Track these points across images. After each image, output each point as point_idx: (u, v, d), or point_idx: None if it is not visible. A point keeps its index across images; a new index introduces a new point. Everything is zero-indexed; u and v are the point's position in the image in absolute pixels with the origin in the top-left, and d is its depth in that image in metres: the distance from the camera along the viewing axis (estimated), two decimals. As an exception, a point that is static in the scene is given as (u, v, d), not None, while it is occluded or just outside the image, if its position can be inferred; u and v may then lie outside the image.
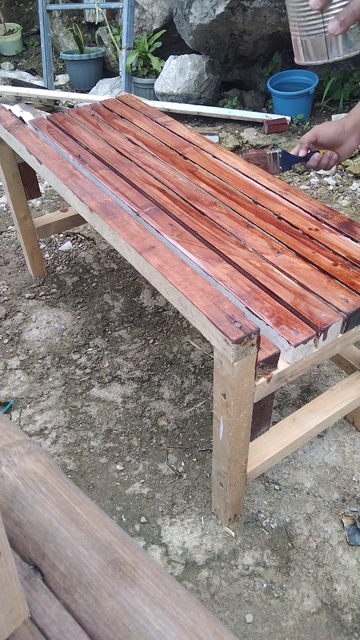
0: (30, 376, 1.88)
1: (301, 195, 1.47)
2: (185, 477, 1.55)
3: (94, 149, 1.68)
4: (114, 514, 1.48)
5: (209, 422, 1.71)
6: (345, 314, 1.09)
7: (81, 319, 2.11)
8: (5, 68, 4.83)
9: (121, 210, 1.34)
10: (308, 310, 1.10)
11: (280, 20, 3.17)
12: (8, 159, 1.94)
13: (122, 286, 2.27)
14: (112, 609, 0.49)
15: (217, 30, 3.37)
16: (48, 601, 0.51)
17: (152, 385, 1.83)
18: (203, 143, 1.74)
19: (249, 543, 1.40)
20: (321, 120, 3.52)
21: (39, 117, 1.90)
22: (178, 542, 1.40)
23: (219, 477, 1.29)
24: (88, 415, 1.74)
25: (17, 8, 5.22)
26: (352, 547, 1.38)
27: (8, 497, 0.59)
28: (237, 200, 1.45)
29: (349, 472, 1.55)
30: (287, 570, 1.34)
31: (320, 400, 1.43)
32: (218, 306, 1.01)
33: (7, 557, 0.46)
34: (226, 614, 1.27)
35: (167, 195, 1.45)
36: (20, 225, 2.13)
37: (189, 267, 1.14)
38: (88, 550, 0.54)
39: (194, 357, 1.93)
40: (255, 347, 0.97)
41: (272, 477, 1.54)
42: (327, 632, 1.23)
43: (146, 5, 3.91)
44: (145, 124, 1.87)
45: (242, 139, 3.36)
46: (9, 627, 0.48)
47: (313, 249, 1.27)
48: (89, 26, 4.73)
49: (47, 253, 2.50)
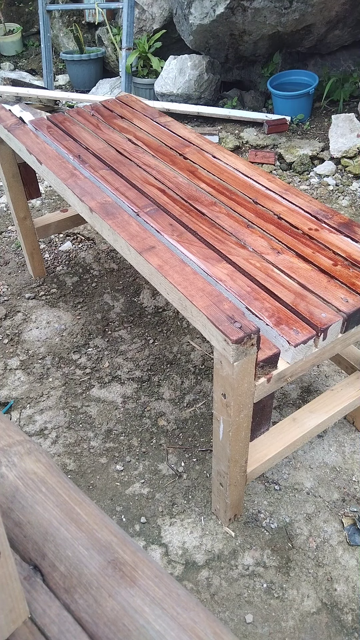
0: (30, 376, 1.88)
1: (301, 196, 1.47)
2: (185, 477, 1.55)
3: (94, 149, 1.68)
4: (114, 514, 1.48)
5: (209, 422, 1.71)
6: (345, 314, 1.09)
7: (81, 319, 2.11)
8: (5, 68, 4.83)
9: (121, 210, 1.34)
10: (308, 310, 1.10)
11: (280, 20, 3.17)
12: (8, 159, 1.94)
13: (122, 286, 2.27)
14: (112, 609, 0.49)
15: (217, 30, 3.37)
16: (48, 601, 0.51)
17: (152, 386, 1.83)
18: (203, 143, 1.74)
19: (249, 543, 1.40)
20: (321, 120, 3.52)
21: (39, 117, 1.90)
22: (178, 542, 1.40)
23: (219, 477, 1.29)
24: (88, 416, 1.74)
25: (17, 8, 5.22)
26: (352, 547, 1.38)
27: (8, 497, 0.59)
28: (237, 201, 1.45)
29: (349, 472, 1.55)
30: (287, 570, 1.34)
31: (320, 400, 1.43)
32: (218, 306, 1.01)
33: (7, 557, 0.46)
34: (226, 614, 1.27)
35: (167, 196, 1.45)
36: (20, 225, 2.13)
37: (189, 267, 1.14)
38: (88, 550, 0.54)
39: (194, 357, 1.93)
40: (255, 347, 0.97)
41: (272, 477, 1.54)
42: (327, 632, 1.23)
43: (146, 5, 3.91)
44: (145, 124, 1.87)
45: (242, 139, 3.36)
46: (9, 627, 0.48)
47: (313, 249, 1.27)
48: (89, 26, 4.73)
49: (47, 253, 2.50)
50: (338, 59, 3.70)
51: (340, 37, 3.46)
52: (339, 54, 3.69)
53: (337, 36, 3.44)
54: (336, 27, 3.38)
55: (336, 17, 3.24)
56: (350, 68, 3.69)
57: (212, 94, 3.74)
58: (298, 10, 3.12)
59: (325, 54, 3.70)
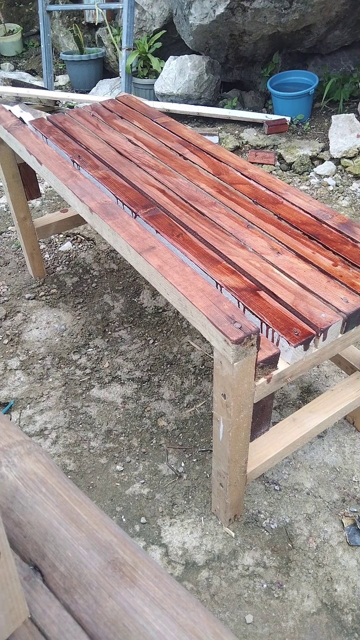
0: (30, 376, 1.88)
1: (301, 196, 1.47)
2: (185, 478, 1.55)
3: (94, 150, 1.68)
4: (114, 514, 1.48)
5: (209, 422, 1.71)
6: (345, 314, 1.09)
7: (81, 320, 2.11)
8: (5, 69, 4.83)
9: (121, 210, 1.34)
10: (308, 310, 1.10)
11: (280, 20, 3.17)
12: (8, 159, 1.94)
13: (122, 286, 2.27)
14: (112, 609, 0.49)
15: (217, 30, 3.37)
16: (48, 601, 0.51)
17: (152, 386, 1.83)
18: (203, 143, 1.74)
19: (249, 543, 1.40)
20: (321, 121, 3.52)
21: (39, 118, 1.90)
22: (178, 543, 1.40)
23: (219, 477, 1.29)
24: (88, 416, 1.74)
25: (17, 9, 5.23)
26: (352, 547, 1.38)
27: (8, 497, 0.59)
28: (237, 201, 1.45)
29: (349, 473, 1.55)
30: (287, 570, 1.34)
31: (320, 400, 1.43)
32: (218, 306, 1.01)
33: (7, 557, 0.46)
34: (226, 615, 1.27)
35: (167, 196, 1.45)
36: (20, 226, 2.13)
37: (188, 267, 1.14)
38: (88, 550, 0.54)
39: (194, 358, 1.93)
40: (255, 347, 0.97)
41: (272, 478, 1.54)
42: (327, 633, 1.23)
43: (146, 5, 3.91)
44: (145, 125, 1.87)
45: (242, 140, 3.36)
46: (9, 627, 0.48)
47: (313, 249, 1.27)
48: (89, 27, 4.73)
49: (47, 253, 2.50)
50: (338, 59, 3.70)
51: (340, 38, 3.47)
52: (339, 54, 3.69)
53: (337, 36, 3.45)
54: (336, 28, 3.38)
55: (336, 17, 3.24)
56: (350, 68, 3.69)
57: (212, 94, 3.74)
58: (298, 11, 3.12)
59: (325, 54, 3.70)
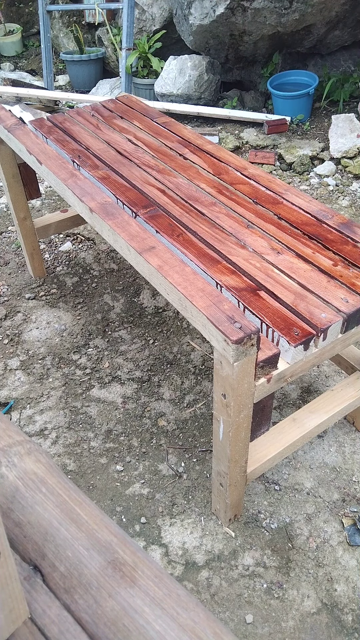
0: (30, 376, 1.88)
1: (301, 196, 1.47)
2: (185, 478, 1.55)
3: (94, 150, 1.68)
4: (114, 514, 1.48)
5: (209, 422, 1.71)
6: (345, 314, 1.09)
7: (81, 320, 2.11)
8: (5, 69, 4.83)
9: (121, 210, 1.34)
10: (308, 310, 1.10)
11: (280, 20, 3.17)
12: (8, 159, 1.94)
13: (122, 286, 2.27)
14: (112, 609, 0.49)
15: (217, 30, 3.37)
16: (48, 601, 0.51)
17: (152, 386, 1.83)
18: (203, 143, 1.74)
19: (249, 543, 1.40)
20: (321, 121, 3.52)
21: (39, 118, 1.90)
22: (178, 543, 1.40)
23: (219, 477, 1.29)
24: (88, 416, 1.74)
25: (17, 9, 5.23)
26: (352, 547, 1.38)
27: (8, 497, 0.59)
28: (237, 201, 1.45)
29: (349, 473, 1.55)
30: (287, 570, 1.34)
31: (320, 400, 1.43)
32: (218, 306, 1.01)
33: (7, 557, 0.46)
34: (226, 615, 1.27)
35: (167, 196, 1.45)
36: (20, 226, 2.13)
37: (188, 267, 1.14)
38: (88, 550, 0.54)
39: (194, 358, 1.93)
40: (255, 347, 0.97)
41: (272, 478, 1.54)
42: (327, 633, 1.23)
43: (146, 5, 3.91)
44: (145, 125, 1.87)
45: (242, 140, 3.36)
46: (9, 627, 0.48)
47: (313, 249, 1.27)
48: (89, 27, 4.73)
49: (47, 253, 2.50)
50: (338, 59, 3.70)
51: (340, 38, 3.46)
52: (339, 54, 3.69)
53: (337, 36, 3.45)
54: (336, 28, 3.38)
55: (336, 17, 3.24)
56: (350, 68, 3.69)
57: (212, 94, 3.74)
58: (298, 11, 3.12)
59: (325, 54, 3.70)
